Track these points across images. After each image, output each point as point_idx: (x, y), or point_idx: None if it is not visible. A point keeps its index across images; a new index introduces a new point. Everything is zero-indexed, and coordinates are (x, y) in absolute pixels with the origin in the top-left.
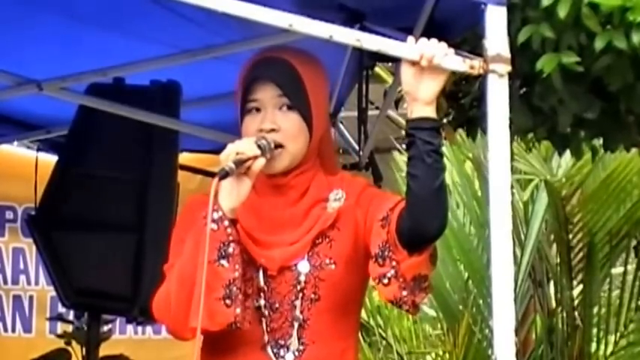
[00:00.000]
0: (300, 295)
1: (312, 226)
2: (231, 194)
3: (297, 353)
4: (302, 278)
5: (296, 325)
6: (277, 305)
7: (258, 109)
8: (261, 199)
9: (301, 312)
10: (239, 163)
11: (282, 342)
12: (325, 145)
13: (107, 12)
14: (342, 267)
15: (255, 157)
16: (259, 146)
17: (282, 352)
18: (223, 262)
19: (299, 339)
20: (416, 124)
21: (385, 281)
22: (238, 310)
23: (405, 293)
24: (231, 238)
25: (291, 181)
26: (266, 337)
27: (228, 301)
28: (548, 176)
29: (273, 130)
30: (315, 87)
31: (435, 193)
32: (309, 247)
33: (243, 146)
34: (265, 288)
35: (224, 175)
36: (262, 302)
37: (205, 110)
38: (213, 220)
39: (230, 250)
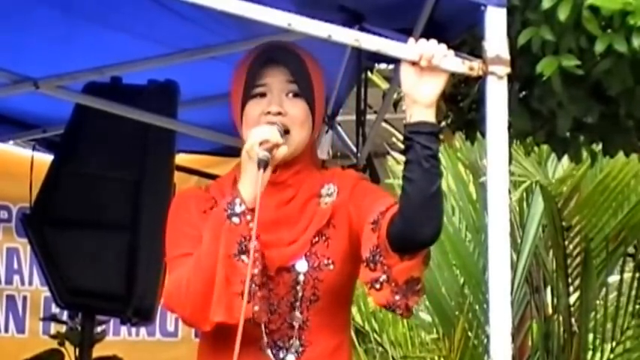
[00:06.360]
0: (300, 296)
1: (308, 224)
2: (254, 183)
3: (297, 354)
4: (301, 278)
5: (296, 326)
6: (275, 307)
7: (262, 95)
8: None
9: (301, 313)
10: (269, 150)
11: (281, 344)
12: (315, 144)
13: (105, 10)
14: (340, 265)
15: (278, 145)
16: (279, 132)
17: (281, 354)
18: (243, 257)
19: (299, 340)
20: (415, 127)
21: (377, 286)
22: (256, 308)
23: (397, 298)
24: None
25: (289, 179)
26: (265, 339)
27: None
28: (542, 179)
29: (279, 113)
30: (318, 84)
31: (430, 198)
32: (307, 247)
33: (267, 133)
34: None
35: (265, 165)
36: None
37: (203, 111)
38: (237, 215)
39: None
